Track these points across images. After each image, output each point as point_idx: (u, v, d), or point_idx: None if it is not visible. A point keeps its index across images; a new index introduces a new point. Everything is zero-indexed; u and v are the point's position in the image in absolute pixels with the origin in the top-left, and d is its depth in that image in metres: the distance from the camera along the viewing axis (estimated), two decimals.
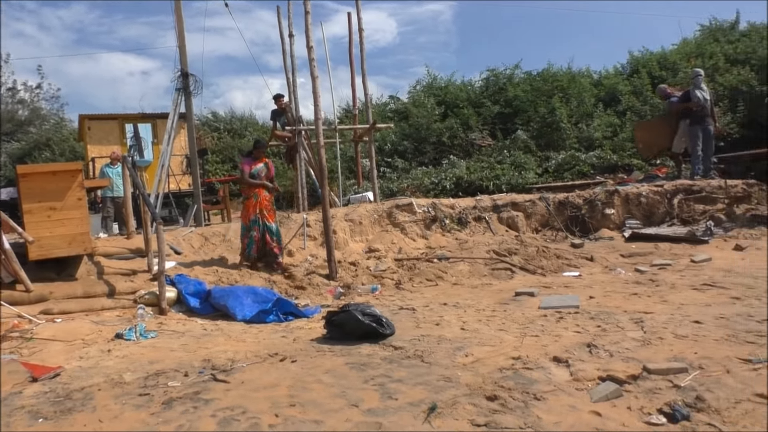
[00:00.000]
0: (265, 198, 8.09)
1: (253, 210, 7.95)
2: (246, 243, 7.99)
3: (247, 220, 7.95)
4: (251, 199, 7.99)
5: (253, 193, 8.00)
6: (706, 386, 3.24)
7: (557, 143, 15.05)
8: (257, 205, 7.96)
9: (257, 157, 8.19)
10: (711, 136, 11.04)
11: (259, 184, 8.04)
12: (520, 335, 4.56)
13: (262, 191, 8.06)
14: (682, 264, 7.82)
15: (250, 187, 8.04)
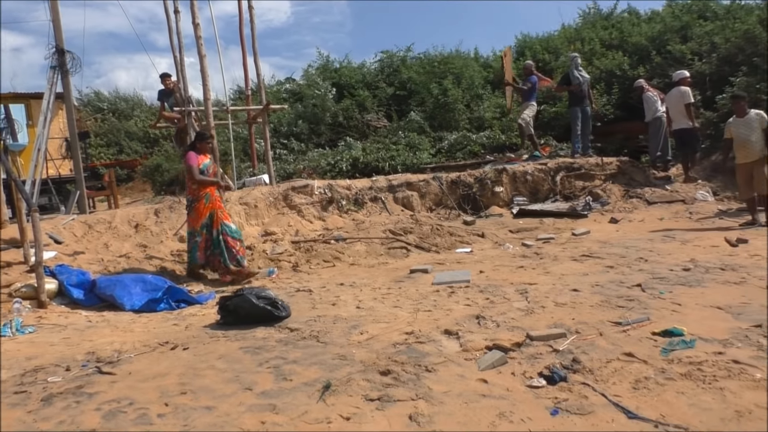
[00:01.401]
0: (218, 198, 7.27)
1: (205, 212, 7.04)
2: (190, 248, 7.18)
3: (198, 224, 7.02)
4: (202, 201, 7.02)
5: (205, 193, 7.05)
6: (582, 349, 3.50)
7: (450, 124, 15.42)
8: (210, 207, 7.05)
9: (202, 151, 7.19)
10: (589, 117, 11.76)
11: (212, 182, 7.17)
12: (414, 311, 4.70)
13: (214, 190, 7.22)
14: (564, 237, 8.34)
15: (200, 187, 7.05)
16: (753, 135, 8.09)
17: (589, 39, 17.72)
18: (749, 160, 8.17)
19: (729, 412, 2.63)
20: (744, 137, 8.16)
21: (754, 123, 8.10)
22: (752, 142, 8.10)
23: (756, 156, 8.10)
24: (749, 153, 8.15)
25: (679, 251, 6.59)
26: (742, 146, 8.23)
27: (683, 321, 3.88)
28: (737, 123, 8.29)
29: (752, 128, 8.10)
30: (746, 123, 8.17)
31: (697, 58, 13.76)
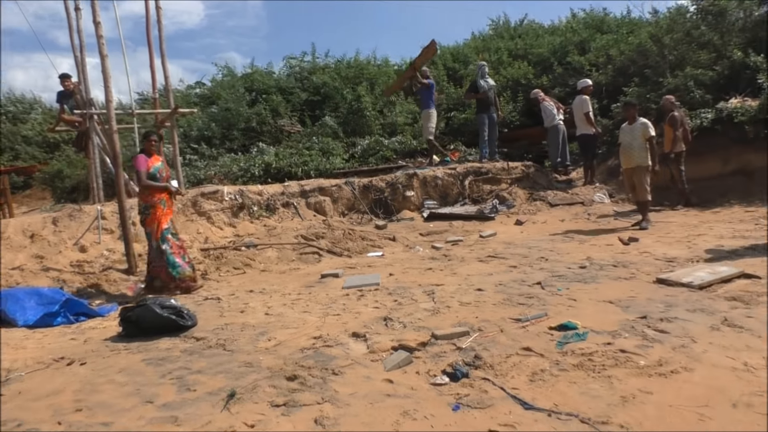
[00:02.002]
0: (172, 204, 6.88)
1: (165, 218, 6.61)
2: (165, 260, 6.49)
3: (160, 232, 6.53)
4: (158, 207, 6.54)
5: (160, 198, 6.58)
6: (484, 345, 3.63)
7: (363, 129, 15.55)
8: (168, 213, 6.69)
9: (151, 153, 6.67)
10: (495, 123, 12.19)
11: (161, 187, 6.61)
12: (323, 315, 4.70)
13: (168, 196, 6.73)
14: (472, 239, 8.59)
15: (153, 192, 6.54)
16: (635, 142, 8.43)
17: (497, 49, 18.40)
18: (629, 166, 8.56)
19: (615, 397, 2.81)
20: (628, 144, 8.53)
21: (638, 131, 8.42)
22: (634, 149, 8.44)
23: (635, 163, 8.45)
24: (630, 159, 8.52)
25: (577, 250, 6.94)
26: (625, 152, 8.60)
27: (578, 315, 4.10)
28: (625, 130, 8.66)
29: (635, 136, 8.43)
30: (632, 131, 8.51)
31: (594, 69, 14.58)
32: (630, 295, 4.63)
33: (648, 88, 12.36)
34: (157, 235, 6.53)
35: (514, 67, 16.61)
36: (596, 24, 17.92)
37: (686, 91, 11.40)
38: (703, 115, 10.59)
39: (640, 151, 8.42)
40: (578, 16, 19.32)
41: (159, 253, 6.50)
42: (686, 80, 11.54)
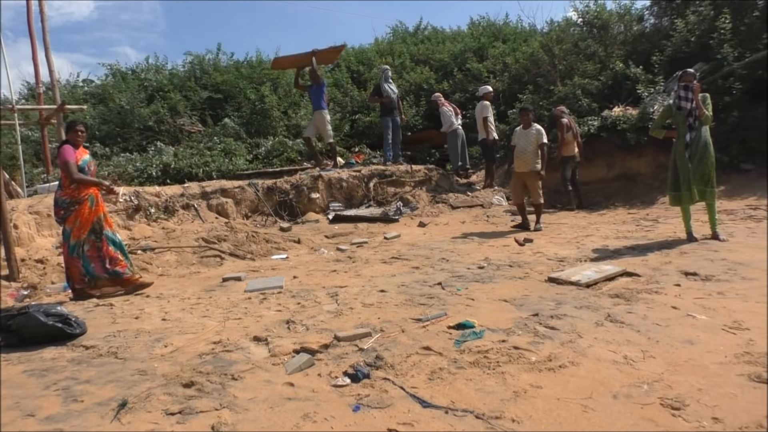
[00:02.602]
0: (102, 201, 6.34)
1: (91, 218, 6.08)
2: (78, 263, 6.06)
3: (85, 232, 6.05)
4: (86, 204, 6.03)
5: (88, 195, 6.05)
6: (385, 346, 3.68)
7: (267, 130, 15.33)
8: (96, 212, 6.14)
9: (78, 144, 6.14)
10: (399, 126, 12.39)
11: (94, 182, 6.16)
12: (223, 320, 4.59)
13: (98, 192, 6.23)
14: (377, 241, 8.68)
15: (81, 187, 6.01)
16: (530, 147, 8.69)
17: (400, 53, 18.71)
18: (523, 170, 8.80)
19: (508, 393, 2.94)
20: (522, 148, 8.77)
21: (532, 137, 8.70)
22: (528, 154, 8.70)
23: (529, 167, 8.72)
24: (524, 163, 8.77)
25: (476, 251, 7.19)
26: (519, 156, 8.82)
27: (475, 314, 4.25)
28: (520, 134, 8.90)
29: (530, 141, 8.70)
30: (527, 135, 8.77)
31: (492, 76, 15.16)
32: (524, 293, 4.86)
33: (541, 96, 13.03)
34: (82, 235, 6.06)
35: (417, 71, 16.98)
36: (494, 32, 18.64)
37: (575, 99, 12.11)
38: (590, 123, 11.29)
39: (534, 156, 8.71)
40: (477, 24, 20.02)
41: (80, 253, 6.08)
42: (574, 89, 12.27)
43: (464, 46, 17.68)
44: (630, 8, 14.36)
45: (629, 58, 12.62)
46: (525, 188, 8.94)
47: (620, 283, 5.11)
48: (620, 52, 13.18)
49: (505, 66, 15.27)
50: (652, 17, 14.39)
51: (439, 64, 17.43)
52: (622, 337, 3.65)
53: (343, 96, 17.19)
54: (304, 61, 12.25)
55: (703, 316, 3.99)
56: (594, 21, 13.98)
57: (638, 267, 5.60)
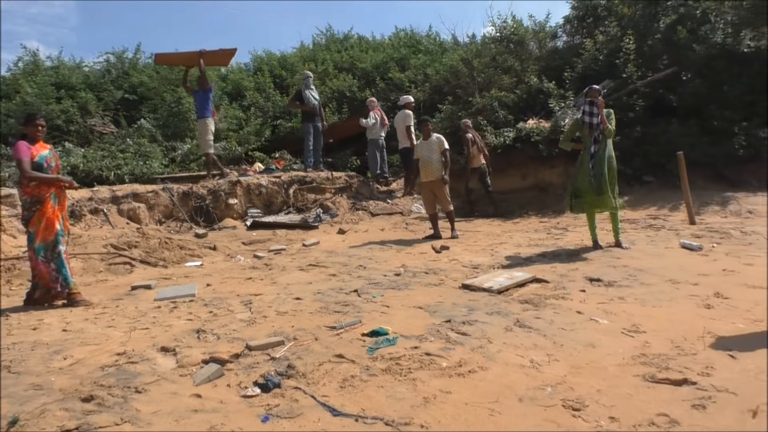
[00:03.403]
0: (65, 200, 5.84)
1: (56, 217, 5.62)
2: (56, 267, 5.61)
3: (53, 233, 5.59)
4: (48, 203, 5.55)
5: (50, 193, 5.58)
6: (298, 354, 3.63)
7: (184, 133, 14.87)
8: (60, 210, 5.70)
9: (36, 139, 5.63)
10: (320, 133, 12.34)
11: (51, 179, 5.60)
12: (130, 330, 4.40)
13: (60, 190, 5.71)
14: (295, 248, 8.60)
15: (41, 186, 5.53)
16: (434, 156, 8.80)
17: (323, 60, 18.68)
18: (429, 179, 8.88)
19: (418, 399, 2.96)
20: (427, 158, 8.86)
21: (434, 146, 8.80)
22: (433, 163, 8.79)
23: (435, 176, 8.80)
24: (430, 173, 8.85)
25: (394, 258, 7.26)
26: (424, 167, 8.89)
27: (390, 321, 4.28)
28: (422, 145, 8.99)
29: (432, 150, 8.81)
30: (429, 145, 8.87)
31: (414, 86, 15.39)
32: (438, 300, 4.93)
33: (460, 107, 13.35)
34: (49, 237, 5.58)
35: (340, 79, 17.00)
36: (415, 43, 18.96)
37: (492, 110, 12.49)
38: (506, 134, 11.67)
39: (439, 165, 8.79)
40: (400, 35, 20.30)
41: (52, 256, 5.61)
42: (492, 101, 12.66)
43: (387, 55, 17.87)
44: (545, 26, 15.00)
45: (543, 73, 13.16)
46: (436, 198, 9.03)
47: (530, 289, 5.29)
48: (535, 67, 13.71)
49: (426, 77, 15.55)
50: (564, 35, 15.09)
51: (362, 73, 17.53)
52: (530, 342, 3.77)
53: (265, 101, 16.96)
54: (191, 60, 11.65)
55: (605, 320, 4.19)
56: (511, 36, 14.49)
57: (547, 273, 5.82)
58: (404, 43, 19.11)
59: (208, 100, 11.25)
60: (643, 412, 2.74)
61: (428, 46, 18.48)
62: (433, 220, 9.05)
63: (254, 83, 18.07)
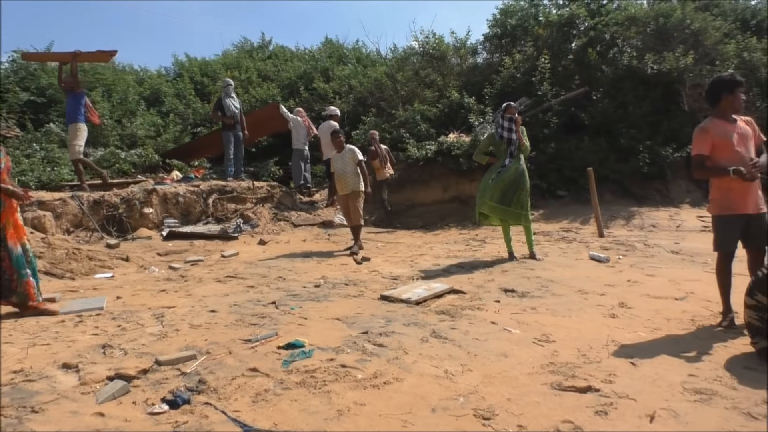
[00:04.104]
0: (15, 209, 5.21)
1: None
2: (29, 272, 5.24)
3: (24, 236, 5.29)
4: None
5: None
6: (210, 369, 3.53)
7: (97, 139, 14.23)
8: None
9: None
10: (241, 142, 12.11)
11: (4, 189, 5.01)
12: (28, 346, 4.13)
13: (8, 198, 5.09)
14: (213, 259, 8.38)
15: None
16: (348, 168, 8.68)
17: (247, 68, 18.43)
18: (345, 192, 8.77)
19: (332, 412, 2.94)
20: (341, 171, 8.74)
21: (348, 157, 8.69)
22: (348, 175, 8.68)
23: (350, 189, 8.69)
24: (345, 186, 8.74)
25: (314, 269, 7.20)
26: (340, 179, 8.78)
27: (307, 333, 4.23)
28: (336, 158, 8.89)
29: (346, 162, 8.70)
30: (342, 158, 8.76)
31: (338, 97, 15.43)
32: (357, 311, 4.93)
33: (383, 119, 13.49)
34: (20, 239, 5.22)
35: (263, 87, 16.80)
36: (341, 55, 19.02)
37: (414, 123, 12.69)
38: (428, 147, 11.87)
39: (354, 177, 8.69)
40: (325, 46, 20.33)
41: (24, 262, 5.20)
42: (414, 114, 12.86)
43: (311, 65, 17.83)
44: (465, 42, 15.42)
45: (464, 88, 13.51)
46: None
47: (447, 300, 5.38)
48: (456, 83, 14.07)
49: (351, 88, 15.61)
50: (484, 52, 15.57)
51: (285, 82, 17.40)
52: (445, 352, 3.82)
53: (185, 108, 16.52)
54: (63, 59, 10.96)
55: (517, 330, 4.31)
56: (433, 52, 14.81)
57: (464, 284, 5.94)
58: (329, 53, 19.15)
59: (79, 105, 10.52)
60: (550, 419, 2.84)
61: (353, 58, 18.58)
62: (353, 232, 9.00)
63: (174, 89, 17.58)
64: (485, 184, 7.35)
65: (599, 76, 12.33)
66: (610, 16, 13.13)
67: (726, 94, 4.42)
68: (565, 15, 13.47)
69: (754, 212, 4.38)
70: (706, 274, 6.13)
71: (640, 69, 11.86)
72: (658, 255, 7.54)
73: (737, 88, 4.44)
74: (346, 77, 16.20)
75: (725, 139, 4.35)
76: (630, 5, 13.46)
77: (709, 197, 4.62)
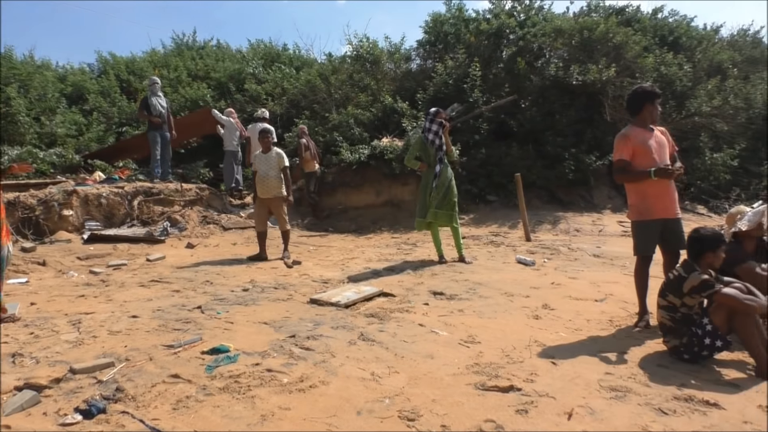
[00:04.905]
0: None
1: None
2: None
3: None
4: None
5: None
6: (128, 376, 3.40)
7: (13, 138, 13.49)
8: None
9: None
10: (168, 142, 11.74)
11: None
12: None
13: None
14: (138, 263, 8.09)
15: None
16: (272, 172, 8.27)
17: (176, 67, 17.94)
18: (267, 196, 8.34)
19: (256, 417, 2.89)
20: (264, 173, 8.30)
21: (273, 161, 8.29)
22: (271, 179, 8.27)
23: (273, 194, 8.30)
24: (268, 189, 8.31)
25: (243, 273, 7.07)
26: (262, 182, 8.33)
27: (232, 338, 4.14)
28: (261, 159, 8.42)
29: (271, 165, 8.28)
30: (268, 160, 8.33)
31: (270, 99, 15.24)
32: (285, 315, 4.87)
33: (317, 122, 13.43)
34: None
35: (194, 87, 16.39)
36: (273, 56, 18.80)
37: (348, 127, 12.69)
38: (361, 151, 11.89)
39: (277, 182, 8.33)
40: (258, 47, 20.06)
41: None
42: (348, 118, 12.86)
43: (243, 66, 17.54)
44: (399, 48, 15.56)
45: (397, 93, 13.63)
46: (270, 215, 8.64)
47: (377, 303, 5.39)
48: (390, 87, 14.17)
49: (284, 90, 15.46)
50: (418, 58, 15.76)
51: (217, 82, 17.05)
52: (372, 355, 3.83)
53: (110, 106, 15.90)
54: None
55: (445, 332, 4.37)
56: (367, 56, 14.86)
57: (394, 288, 5.97)
58: (262, 55, 18.89)
59: None
60: (473, 418, 2.88)
61: (286, 60, 18.40)
62: (261, 239, 8.54)
63: (98, 86, 16.91)
64: (424, 195, 7.44)
65: (528, 84, 12.70)
66: (537, 27, 13.56)
67: (647, 103, 4.64)
68: (495, 25, 13.81)
69: (670, 217, 4.61)
70: (624, 276, 6.40)
71: (565, 79, 12.30)
72: (581, 258, 7.82)
73: (657, 99, 4.67)
74: (278, 79, 16.02)
75: (644, 147, 4.56)
76: (556, 18, 13.96)
77: (628, 203, 4.84)
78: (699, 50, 14.74)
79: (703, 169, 12.45)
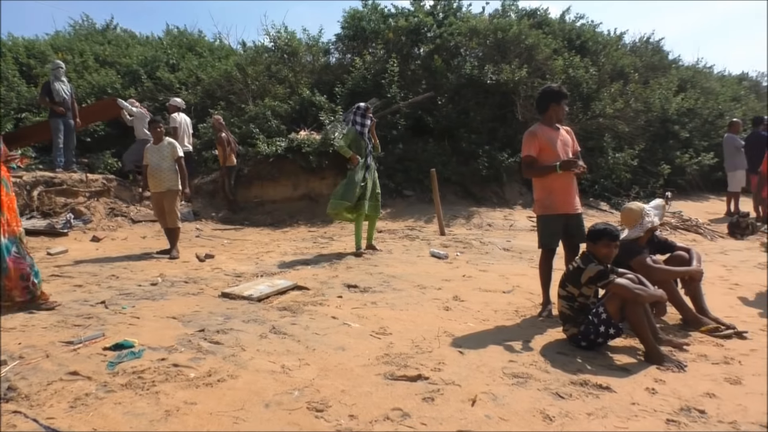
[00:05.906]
0: None
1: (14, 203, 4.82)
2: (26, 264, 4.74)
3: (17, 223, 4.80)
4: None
5: None
6: (22, 374, 3.23)
7: None
8: None
9: None
10: (72, 130, 11.13)
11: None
12: None
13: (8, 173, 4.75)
14: (37, 257, 7.58)
15: None
16: (164, 164, 7.81)
17: (82, 51, 17.04)
18: (159, 189, 7.84)
19: (160, 413, 2.81)
20: (156, 165, 7.82)
21: (166, 152, 7.85)
22: (164, 171, 7.80)
23: (165, 187, 7.80)
24: (160, 183, 7.82)
25: (152, 267, 6.83)
26: (153, 174, 7.84)
27: (138, 333, 4.01)
28: (152, 150, 7.95)
29: (163, 156, 7.83)
30: (160, 151, 7.87)
31: (184, 88, 14.75)
32: (194, 309, 4.76)
33: (233, 113, 13.15)
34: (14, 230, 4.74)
35: (101, 74, 15.61)
36: (189, 44, 18.20)
37: (265, 119, 12.49)
38: (278, 143, 11.74)
39: (170, 174, 7.84)
40: (172, 33, 19.35)
41: None
42: (265, 110, 12.67)
43: (156, 53, 16.87)
44: (318, 40, 15.45)
45: (316, 86, 13.53)
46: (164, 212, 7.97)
47: (290, 296, 5.36)
48: (308, 80, 14.05)
49: (198, 80, 15.00)
50: (337, 52, 15.72)
51: (126, 69, 16.30)
52: (283, 348, 3.81)
53: (7, 91, 14.88)
54: None
55: (357, 324, 4.41)
56: (285, 47, 14.68)
57: (309, 281, 5.96)
58: (176, 42, 18.23)
59: None
60: (381, 407, 2.93)
61: (202, 49, 17.85)
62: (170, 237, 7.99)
63: None
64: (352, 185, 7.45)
65: (444, 82, 12.94)
66: (454, 26, 13.83)
67: (553, 103, 4.87)
68: (414, 22, 13.98)
69: (572, 212, 4.86)
70: (531, 269, 6.67)
71: (480, 78, 12.61)
72: (492, 252, 8.08)
73: (563, 100, 4.91)
74: (193, 68, 15.52)
75: (550, 144, 4.78)
76: (472, 18, 14.30)
77: (534, 198, 5.05)
78: (603, 54, 15.50)
79: (606, 168, 13.11)
